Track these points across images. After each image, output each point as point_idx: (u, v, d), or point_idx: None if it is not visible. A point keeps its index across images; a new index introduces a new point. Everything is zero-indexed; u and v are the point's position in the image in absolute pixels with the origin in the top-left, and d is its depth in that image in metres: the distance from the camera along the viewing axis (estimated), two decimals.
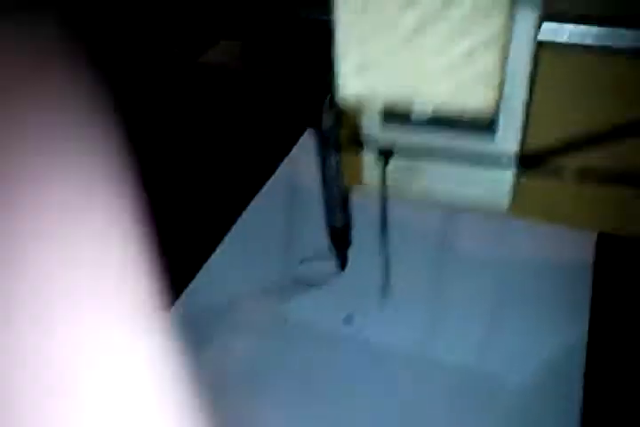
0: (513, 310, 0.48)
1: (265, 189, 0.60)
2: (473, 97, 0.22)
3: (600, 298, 0.49)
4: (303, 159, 0.57)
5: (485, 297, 0.49)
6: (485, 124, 0.32)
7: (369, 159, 0.35)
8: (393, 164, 0.34)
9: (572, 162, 0.37)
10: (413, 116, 0.32)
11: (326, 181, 0.44)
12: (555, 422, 0.41)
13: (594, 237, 0.52)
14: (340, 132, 0.41)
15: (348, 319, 0.49)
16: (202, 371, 0.45)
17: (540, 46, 0.31)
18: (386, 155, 0.32)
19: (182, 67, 0.82)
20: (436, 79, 0.22)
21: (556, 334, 0.46)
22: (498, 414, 0.42)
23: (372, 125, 0.34)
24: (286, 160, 0.63)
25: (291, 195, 0.59)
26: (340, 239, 0.49)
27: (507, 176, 0.34)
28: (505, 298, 0.49)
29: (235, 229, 0.57)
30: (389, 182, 0.35)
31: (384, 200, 0.32)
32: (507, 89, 0.31)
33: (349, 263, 0.52)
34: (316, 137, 0.42)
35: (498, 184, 0.35)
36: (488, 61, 0.21)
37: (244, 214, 0.58)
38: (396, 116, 0.33)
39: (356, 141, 0.36)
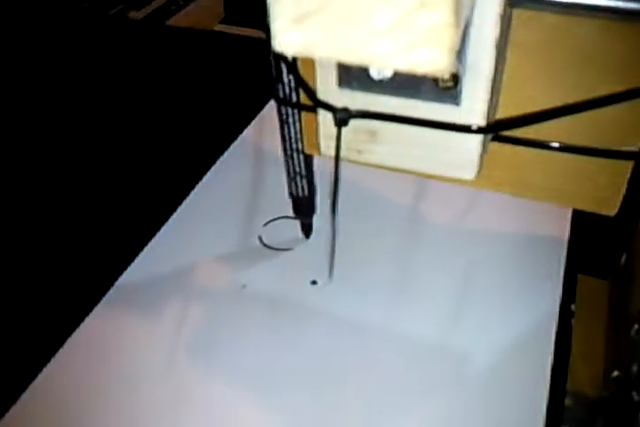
0: (481, 283, 0.47)
1: (227, 153, 0.58)
2: (421, 57, 0.20)
3: (573, 275, 0.48)
4: (268, 124, 0.55)
5: (452, 270, 0.48)
6: (450, 93, 0.30)
7: (325, 125, 0.33)
8: (351, 128, 0.32)
9: (544, 133, 0.35)
10: (372, 78, 0.30)
11: (286, 149, 0.42)
12: (521, 399, 0.40)
13: (569, 212, 0.51)
14: (300, 98, 0.39)
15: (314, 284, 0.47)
16: (152, 342, 0.43)
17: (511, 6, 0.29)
18: (341, 118, 0.30)
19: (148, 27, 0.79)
20: (383, 33, 0.19)
21: (526, 310, 0.45)
22: (462, 389, 0.41)
23: (328, 89, 0.31)
24: (251, 125, 0.61)
25: (255, 160, 0.57)
26: (303, 208, 0.48)
27: (473, 145, 0.32)
28: (473, 272, 0.48)
29: (193, 194, 0.55)
30: (347, 149, 0.33)
31: (337, 165, 0.30)
32: (471, 56, 0.29)
33: (319, 230, 0.50)
34: (275, 103, 0.40)
35: (464, 152, 0.33)
36: (439, 15, 0.19)
37: (205, 178, 0.57)
38: (354, 78, 0.31)
39: (315, 107, 0.34)
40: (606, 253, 0.49)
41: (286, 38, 0.20)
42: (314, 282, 0.48)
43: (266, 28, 0.29)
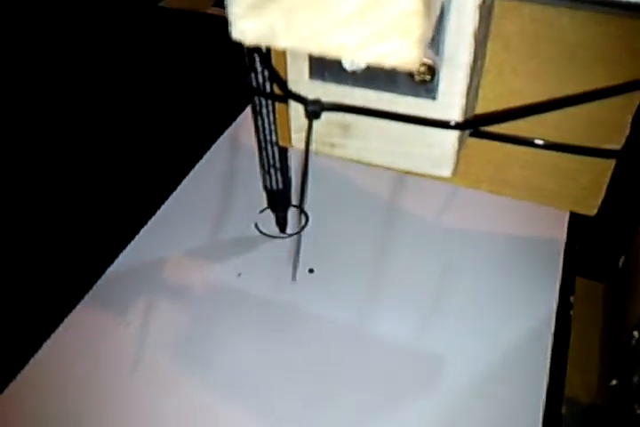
0: (477, 286, 0.46)
1: (220, 140, 0.57)
2: (389, 48, 0.18)
3: (570, 277, 0.46)
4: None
5: (448, 273, 0.47)
6: (426, 87, 0.29)
7: (296, 117, 0.32)
8: (323, 121, 0.31)
9: (523, 129, 0.34)
10: (344, 70, 0.28)
11: (260, 141, 0.41)
12: (517, 407, 0.38)
13: (566, 214, 0.49)
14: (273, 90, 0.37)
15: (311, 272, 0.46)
16: (146, 332, 0.42)
17: None
18: (313, 111, 0.29)
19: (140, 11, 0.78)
20: (348, 22, 0.18)
21: (523, 313, 0.44)
22: (456, 395, 0.40)
23: (299, 79, 0.30)
24: (242, 115, 0.60)
25: (247, 149, 0.56)
26: (278, 201, 0.46)
27: (450, 141, 0.31)
28: (467, 274, 0.46)
29: (182, 184, 0.54)
30: (320, 142, 0.32)
31: (307, 158, 0.29)
32: (449, 47, 0.27)
33: (315, 218, 0.49)
34: (250, 94, 0.39)
35: (441, 148, 0.31)
36: (407, 3, 0.17)
37: (197, 167, 0.56)
38: (326, 69, 0.29)
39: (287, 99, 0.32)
40: (604, 256, 0.48)
41: (244, 26, 0.19)
42: (311, 270, 0.46)
43: None
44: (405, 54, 0.18)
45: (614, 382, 0.38)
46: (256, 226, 0.50)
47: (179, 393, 0.40)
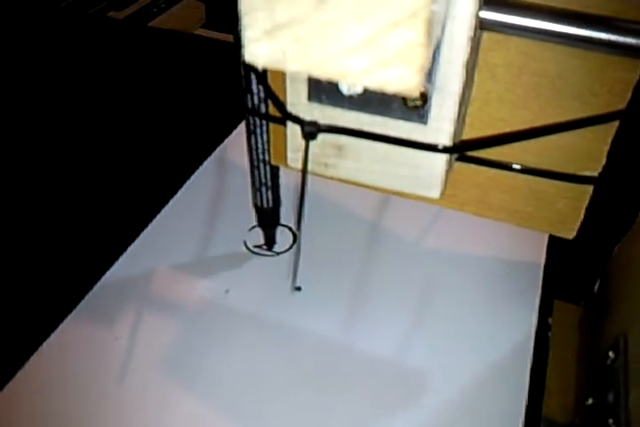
0: (447, 305, 0.47)
1: (211, 157, 0.58)
2: (392, 75, 0.20)
3: (548, 299, 0.47)
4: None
5: (415, 289, 0.48)
6: (418, 112, 0.30)
7: (293, 138, 0.33)
8: (319, 142, 0.32)
9: (507, 154, 0.36)
10: (342, 94, 0.30)
11: (252, 159, 0.42)
12: None
13: (545, 237, 0.50)
14: (268, 110, 0.39)
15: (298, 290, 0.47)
16: (133, 347, 0.42)
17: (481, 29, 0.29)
18: (309, 132, 0.30)
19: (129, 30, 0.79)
20: (355, 50, 0.20)
21: (502, 332, 0.45)
22: (419, 418, 0.40)
23: (297, 102, 0.31)
24: (236, 131, 0.61)
25: (239, 166, 0.57)
26: (267, 219, 0.47)
27: (439, 164, 0.33)
28: (438, 292, 0.47)
29: (174, 199, 0.55)
30: (314, 162, 0.33)
31: (305, 178, 0.30)
32: (440, 75, 0.29)
33: (302, 237, 0.50)
34: (244, 113, 0.40)
35: (430, 171, 0.33)
36: (411, 35, 0.19)
37: (188, 183, 0.57)
38: (324, 93, 0.31)
39: (284, 119, 0.33)
40: (580, 279, 0.49)
41: (257, 49, 0.20)
42: (298, 288, 0.47)
43: (236, 36, 0.29)
44: (408, 81, 0.20)
45: (590, 400, 0.39)
46: (245, 244, 0.51)
47: (168, 406, 0.40)
